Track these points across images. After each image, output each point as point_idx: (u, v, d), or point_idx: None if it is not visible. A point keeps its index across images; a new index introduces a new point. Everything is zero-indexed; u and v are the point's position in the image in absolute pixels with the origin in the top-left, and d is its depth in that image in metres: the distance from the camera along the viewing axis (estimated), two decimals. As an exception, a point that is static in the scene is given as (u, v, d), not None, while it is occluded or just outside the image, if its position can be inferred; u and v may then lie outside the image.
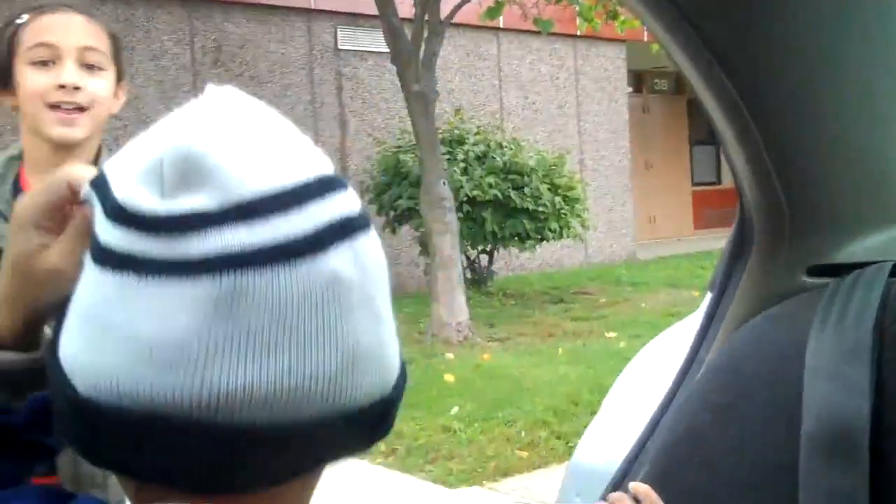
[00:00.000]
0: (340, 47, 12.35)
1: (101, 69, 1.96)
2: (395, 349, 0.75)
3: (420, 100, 8.68)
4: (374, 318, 0.72)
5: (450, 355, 7.87)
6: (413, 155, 10.32)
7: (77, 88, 1.90)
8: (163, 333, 0.63)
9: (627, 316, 9.84)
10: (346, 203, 0.70)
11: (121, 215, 0.65)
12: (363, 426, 0.72)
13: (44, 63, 1.90)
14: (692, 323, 1.86)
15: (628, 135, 15.53)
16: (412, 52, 8.66)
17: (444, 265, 8.61)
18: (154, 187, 0.66)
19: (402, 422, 5.99)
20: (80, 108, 1.91)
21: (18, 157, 1.99)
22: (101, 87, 1.95)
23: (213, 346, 0.63)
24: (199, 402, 0.64)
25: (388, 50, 9.08)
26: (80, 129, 1.91)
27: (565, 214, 10.98)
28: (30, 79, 1.90)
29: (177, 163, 0.66)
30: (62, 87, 1.89)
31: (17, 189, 1.98)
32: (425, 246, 9.46)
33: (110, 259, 0.65)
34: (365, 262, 0.70)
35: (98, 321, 0.65)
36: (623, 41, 15.31)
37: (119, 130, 10.63)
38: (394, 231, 11.06)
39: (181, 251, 0.64)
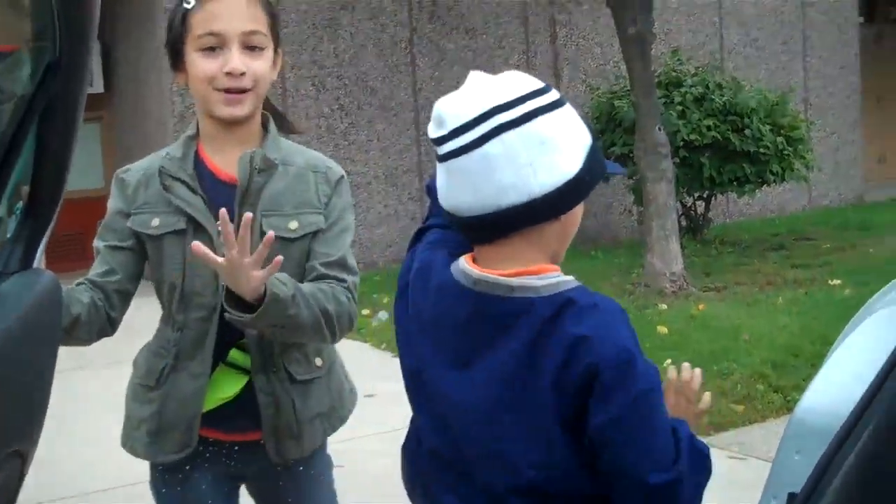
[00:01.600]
0: (555, -7, 12.29)
1: (262, 49, 2.12)
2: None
3: (636, 43, 8.51)
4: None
5: (663, 306, 7.80)
6: (628, 100, 10.18)
7: (242, 74, 2.08)
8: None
9: (854, 263, 9.43)
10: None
11: None
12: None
13: (211, 49, 2.08)
14: None
15: (859, 69, 14.72)
16: (630, -7, 8.51)
17: (659, 213, 8.48)
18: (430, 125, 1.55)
19: (615, 374, 6.02)
20: (245, 90, 2.10)
21: (196, 136, 2.19)
22: (262, 67, 2.12)
23: (442, 191, 1.54)
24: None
25: (604, -7, 8.97)
26: (245, 107, 2.12)
27: (788, 156, 10.59)
28: (199, 65, 2.09)
29: (434, 114, 1.54)
30: (229, 73, 2.08)
31: (198, 163, 2.17)
32: (639, 194, 9.36)
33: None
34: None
35: None
36: (853, -32, 14.51)
37: (339, 90, 11.03)
38: (606, 180, 10.96)
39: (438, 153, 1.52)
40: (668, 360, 6.14)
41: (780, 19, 14.05)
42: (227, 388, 2.17)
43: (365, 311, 8.32)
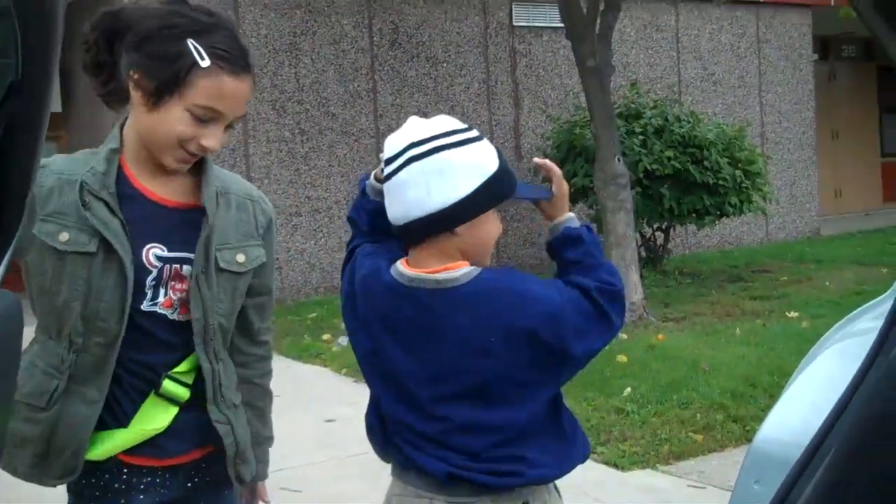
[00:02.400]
0: (515, 24, 12.37)
1: (233, 126, 2.11)
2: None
3: (595, 75, 8.59)
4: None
5: (623, 335, 7.82)
6: (588, 131, 10.25)
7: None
8: None
9: (810, 295, 9.53)
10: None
11: None
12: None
13: (201, 119, 2.03)
14: (881, 303, 1.79)
15: (813, 104, 14.95)
16: (588, 27, 8.58)
17: (618, 243, 8.52)
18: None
19: (574, 402, 6.01)
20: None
21: (119, 150, 2.11)
22: (225, 142, 2.13)
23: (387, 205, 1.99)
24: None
25: (563, 25, 9.04)
26: (186, 167, 2.10)
27: (746, 188, 10.70)
28: (182, 126, 2.02)
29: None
30: (203, 147, 2.04)
31: (121, 180, 2.10)
32: (599, 223, 9.40)
33: None
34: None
35: None
36: (808, 6, 14.74)
37: (300, 115, 11.00)
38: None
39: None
40: (628, 389, 6.19)
41: (736, 54, 14.25)
42: (159, 419, 2.14)
43: (325, 337, 8.27)
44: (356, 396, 6.62)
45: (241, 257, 2.17)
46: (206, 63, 2.00)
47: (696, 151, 10.51)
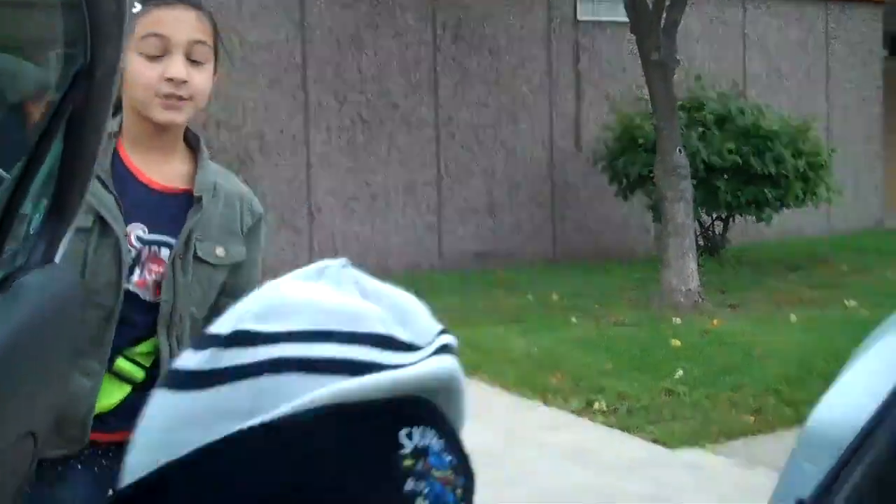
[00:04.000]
0: (580, 18, 12.35)
1: (203, 63, 2.13)
2: None
3: (659, 69, 8.60)
4: None
5: (677, 320, 7.79)
6: (649, 122, 10.23)
7: (184, 82, 2.09)
8: None
9: (871, 286, 9.37)
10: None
11: None
12: None
13: (154, 57, 2.08)
14: None
15: (881, 101, 14.70)
16: (653, 21, 8.60)
17: (677, 232, 8.52)
18: None
19: (625, 383, 6.03)
20: (183, 98, 2.10)
21: (117, 133, 2.17)
22: (203, 81, 2.13)
23: None
24: None
25: (627, 19, 9.05)
26: (183, 114, 2.12)
27: (810, 179, 10.57)
28: (140, 70, 2.08)
29: None
30: (170, 79, 2.07)
31: (116, 162, 2.16)
32: (657, 212, 9.38)
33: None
34: None
35: None
36: (880, 2, 14.50)
37: (362, 105, 11.12)
38: (625, 198, 11.01)
39: None
40: (680, 372, 6.18)
41: (803, 50, 14.07)
42: (112, 396, 2.17)
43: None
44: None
45: (220, 251, 2.19)
46: (136, 7, 2.07)
47: (759, 142, 10.41)
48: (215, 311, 2.28)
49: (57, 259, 1.72)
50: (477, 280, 10.29)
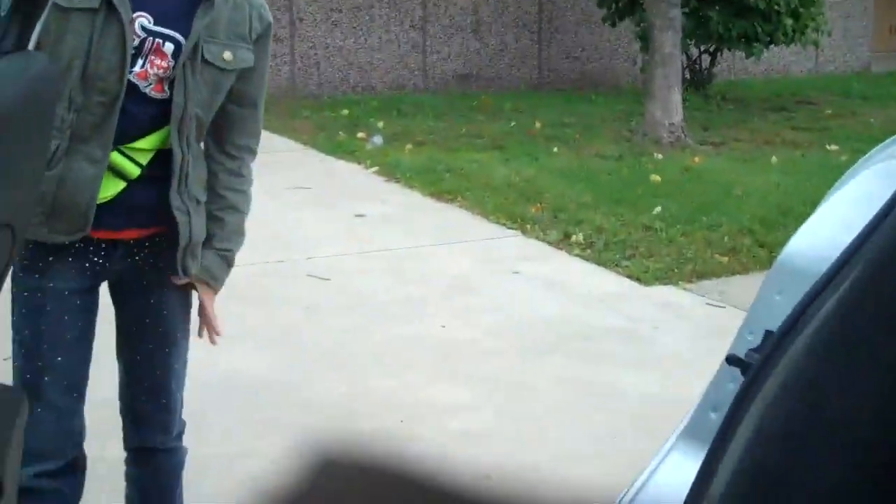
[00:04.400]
0: None
1: None
2: None
3: None
4: None
5: (659, 156, 7.77)
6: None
7: None
8: None
9: (854, 130, 9.36)
10: None
11: None
12: None
13: None
14: None
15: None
16: None
17: (663, 62, 8.37)
18: None
19: (603, 217, 6.04)
20: None
21: None
22: None
23: None
24: None
25: None
26: None
27: (801, 16, 10.39)
28: None
29: None
30: None
31: None
32: (645, 41, 9.20)
33: None
34: None
35: None
36: None
37: None
38: (613, 24, 10.79)
39: None
40: (658, 208, 6.20)
41: None
42: (106, 189, 2.15)
43: (360, 135, 8.28)
44: (386, 195, 6.69)
45: (227, 55, 2.16)
46: None
47: (751, -27, 10.16)
48: (223, 116, 2.27)
49: (31, 45, 1.66)
50: (460, 103, 10.15)
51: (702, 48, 10.85)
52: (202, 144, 2.28)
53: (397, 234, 5.62)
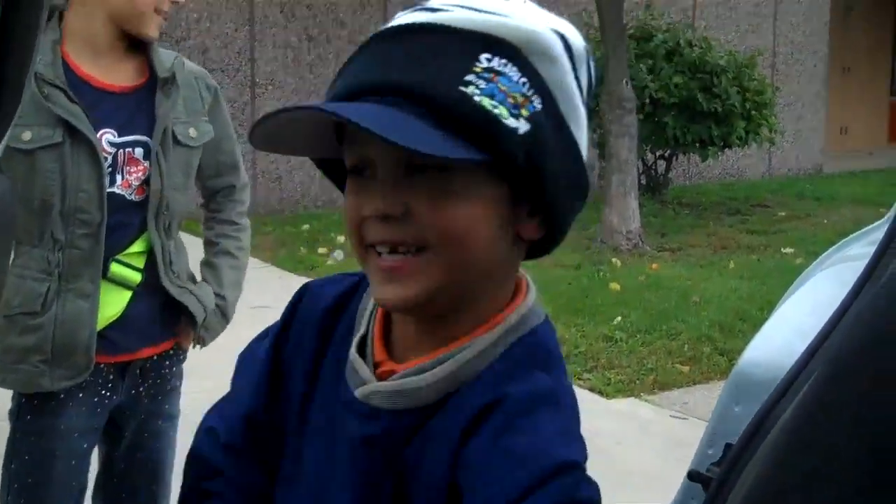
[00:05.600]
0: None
1: None
2: None
3: (610, -6, 8.47)
4: None
5: (617, 263, 7.85)
6: (598, 51, 10.13)
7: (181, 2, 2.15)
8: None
9: (807, 232, 9.53)
10: None
11: (587, 63, 1.01)
12: None
13: None
14: (875, 230, 1.80)
15: (827, 38, 14.75)
16: (603, -59, 8.43)
17: (620, 169, 8.48)
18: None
19: (564, 328, 6.06)
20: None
21: (59, 41, 2.13)
22: None
23: None
24: None
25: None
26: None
27: (754, 118, 10.62)
28: None
29: None
30: (175, 2, 2.13)
31: (66, 70, 2.12)
32: (602, 147, 9.35)
33: None
34: None
35: None
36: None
37: (308, 20, 10.84)
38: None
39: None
40: (619, 318, 6.23)
41: (753, -20, 14.03)
42: (113, 304, 2.15)
43: (321, 250, 8.29)
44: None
45: (192, 132, 2.22)
46: None
47: (706, 77, 10.39)
48: (210, 192, 2.37)
49: None
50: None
51: (657, 153, 11.03)
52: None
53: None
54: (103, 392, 2.19)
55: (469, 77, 0.90)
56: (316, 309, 1.10)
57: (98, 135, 2.09)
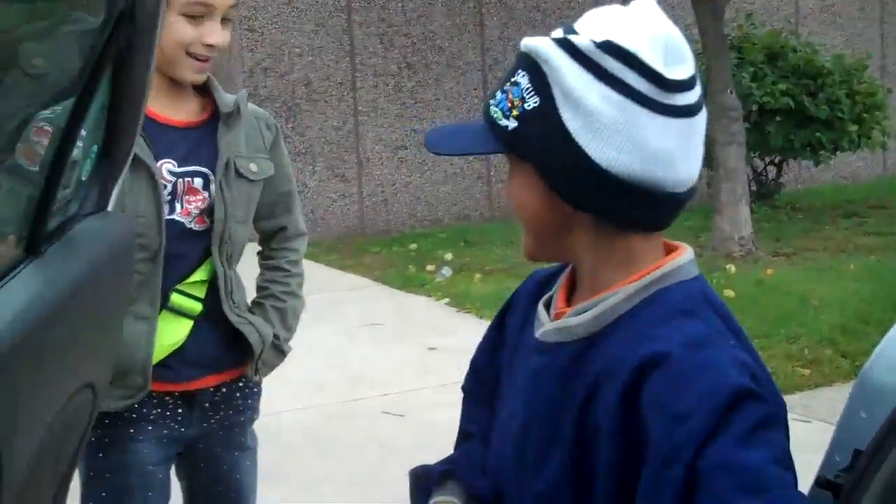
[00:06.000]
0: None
1: (231, 20, 2.18)
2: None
3: (708, 5, 8.39)
4: None
5: (731, 269, 7.69)
6: (700, 63, 10.00)
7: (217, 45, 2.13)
8: (659, 145, 1.15)
9: (928, 232, 9.21)
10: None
11: (636, 64, 1.14)
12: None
13: (195, 17, 2.10)
14: None
15: (939, 36, 14.28)
16: (703, -43, 8.37)
17: (729, 177, 8.36)
18: (659, 57, 1.15)
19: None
20: (210, 59, 2.16)
21: None
22: (228, 38, 2.18)
23: (682, 155, 1.17)
24: (666, 184, 1.17)
25: (675, -46, 8.81)
26: (206, 73, 2.19)
27: (865, 122, 10.32)
28: (181, 30, 2.10)
29: (669, 45, 1.16)
30: (210, 45, 2.12)
31: None
32: (710, 157, 9.20)
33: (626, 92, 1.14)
34: None
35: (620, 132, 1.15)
36: (936, -67, 14.03)
37: (407, 48, 10.98)
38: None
39: (672, 101, 1.15)
40: (735, 323, 6.09)
41: (857, -16, 13.69)
42: (174, 333, 2.18)
43: (429, 267, 8.34)
44: (457, 326, 6.68)
45: (253, 166, 2.25)
46: None
47: (811, 82, 10.16)
48: (264, 235, 2.41)
49: (110, 206, 1.68)
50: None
51: (766, 160, 10.81)
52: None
53: (471, 365, 5.60)
54: (171, 424, 2.21)
55: (497, 92, 1.22)
56: (531, 282, 1.42)
57: (158, 164, 2.14)
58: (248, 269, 2.39)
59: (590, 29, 1.18)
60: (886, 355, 1.97)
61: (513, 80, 1.20)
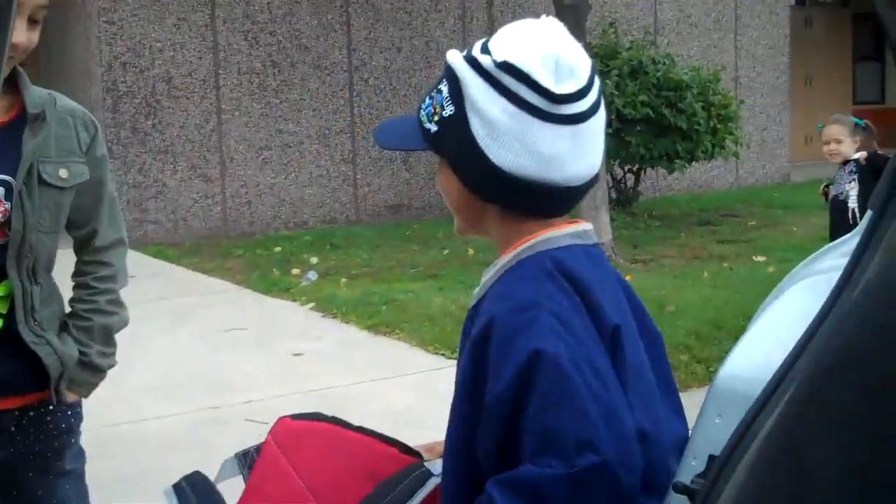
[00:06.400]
0: (492, -40, 12.22)
1: (39, 21, 2.04)
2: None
3: (572, 13, 8.53)
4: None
5: (592, 276, 7.85)
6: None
7: (25, 49, 2.00)
8: (550, 149, 1.33)
9: (778, 240, 9.58)
10: None
11: (527, 81, 1.31)
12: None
13: None
14: (847, 242, 1.82)
15: (788, 50, 14.93)
16: (566, -36, 8.52)
17: (590, 184, 8.54)
18: (549, 75, 1.31)
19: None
20: (13, 58, 2.00)
21: None
22: (35, 40, 2.03)
23: (572, 157, 1.34)
24: (558, 180, 1.35)
25: (539, -37, 8.95)
26: (6, 72, 2.02)
27: (719, 133, 10.70)
28: None
29: (559, 64, 1.32)
30: (13, 45, 1.95)
31: None
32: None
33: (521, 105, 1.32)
34: None
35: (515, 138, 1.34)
36: (787, -50, 14.66)
37: (272, 47, 10.83)
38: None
39: (561, 111, 1.32)
40: (595, 329, 6.22)
41: (713, -5, 14.19)
42: None
43: (294, 271, 8.25)
44: (324, 331, 6.64)
45: (63, 172, 2.11)
46: None
47: (670, 95, 10.48)
48: (76, 243, 2.26)
49: None
50: (393, 234, 10.20)
51: (625, 168, 11.09)
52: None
53: (337, 372, 5.56)
54: None
55: (427, 97, 1.41)
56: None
57: None
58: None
59: (497, 47, 1.35)
60: (739, 361, 2.04)
61: (438, 87, 1.40)
